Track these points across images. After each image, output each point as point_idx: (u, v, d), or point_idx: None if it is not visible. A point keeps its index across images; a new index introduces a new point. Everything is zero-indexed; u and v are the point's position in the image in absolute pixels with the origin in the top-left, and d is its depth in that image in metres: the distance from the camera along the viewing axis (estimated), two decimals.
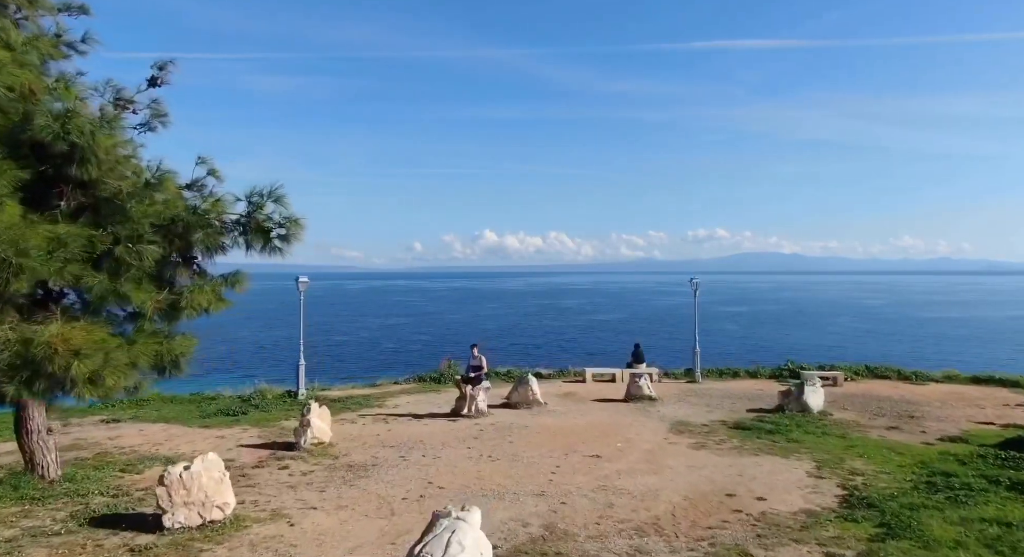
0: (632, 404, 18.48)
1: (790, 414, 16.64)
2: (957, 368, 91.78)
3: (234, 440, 14.10)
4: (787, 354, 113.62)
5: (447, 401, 18.26)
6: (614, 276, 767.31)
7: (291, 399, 18.72)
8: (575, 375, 23.48)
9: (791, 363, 24.77)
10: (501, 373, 23.57)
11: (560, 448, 13.64)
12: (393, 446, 13.70)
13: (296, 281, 18.65)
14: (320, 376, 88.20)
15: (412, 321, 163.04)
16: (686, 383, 22.15)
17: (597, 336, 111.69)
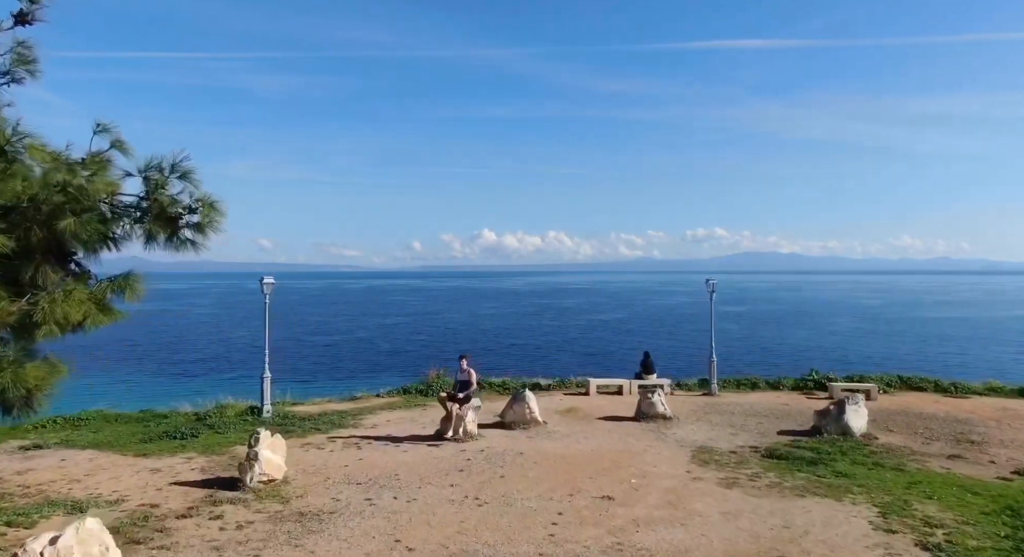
0: (644, 424, 16.05)
1: (830, 438, 14.30)
2: (962, 369, 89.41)
3: (170, 474, 11.71)
4: (789, 355, 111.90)
5: (433, 420, 15.91)
6: (613, 275, 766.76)
7: (254, 417, 16.34)
8: (578, 386, 21.20)
9: (815, 373, 22.19)
10: (495, 384, 21.22)
11: (562, 485, 11.27)
12: (361, 483, 11.33)
13: (261, 282, 16.24)
14: (310, 380, 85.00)
15: (410, 321, 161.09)
16: (701, 397, 19.86)
17: (598, 336, 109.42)
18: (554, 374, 65.13)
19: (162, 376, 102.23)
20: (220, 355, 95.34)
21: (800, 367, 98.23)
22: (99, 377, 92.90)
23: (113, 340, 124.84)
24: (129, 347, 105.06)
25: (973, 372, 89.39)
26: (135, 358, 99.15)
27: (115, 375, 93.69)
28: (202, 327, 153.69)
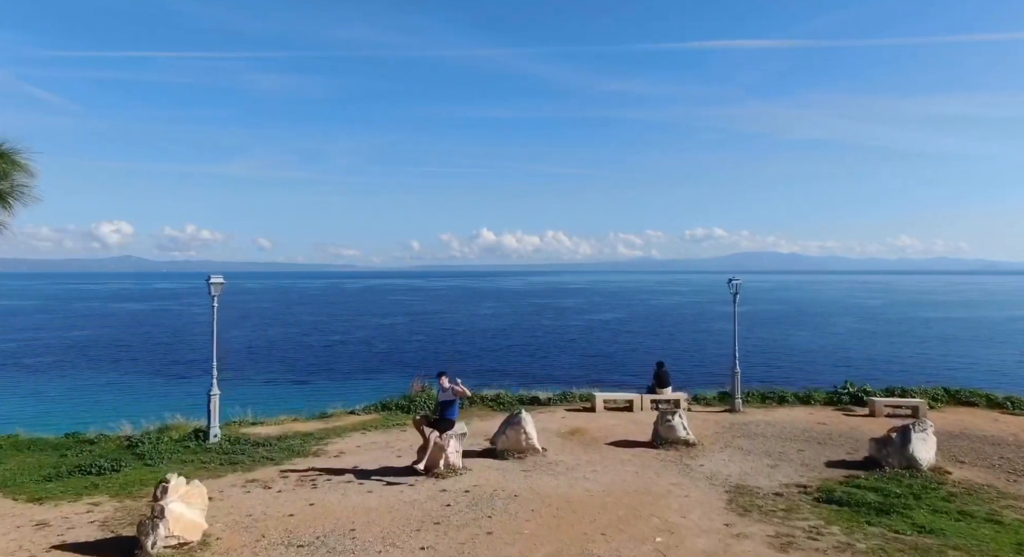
0: (663, 452, 13.33)
1: (893, 473, 11.67)
2: (969, 371, 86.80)
3: (58, 530, 9.05)
4: (793, 357, 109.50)
5: (412, 444, 13.28)
6: (613, 275, 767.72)
7: (198, 443, 13.67)
8: (581, 400, 18.71)
9: (850, 385, 19.65)
10: (488, 399, 18.60)
11: (568, 546, 8.64)
12: (304, 545, 8.68)
13: (208, 282, 13.59)
14: (304, 382, 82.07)
15: (408, 321, 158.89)
16: (724, 413, 17.36)
17: (598, 337, 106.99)
18: (555, 381, 61.90)
19: (154, 376, 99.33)
20: (210, 357, 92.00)
21: (804, 370, 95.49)
22: (87, 378, 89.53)
23: (105, 340, 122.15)
24: (122, 348, 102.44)
25: (980, 376, 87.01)
26: (128, 359, 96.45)
27: (103, 377, 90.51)
28: (196, 327, 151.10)
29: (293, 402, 76.18)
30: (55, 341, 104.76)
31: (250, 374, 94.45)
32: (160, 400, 74.71)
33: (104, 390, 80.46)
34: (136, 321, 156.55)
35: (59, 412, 65.11)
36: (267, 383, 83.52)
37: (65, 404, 71.46)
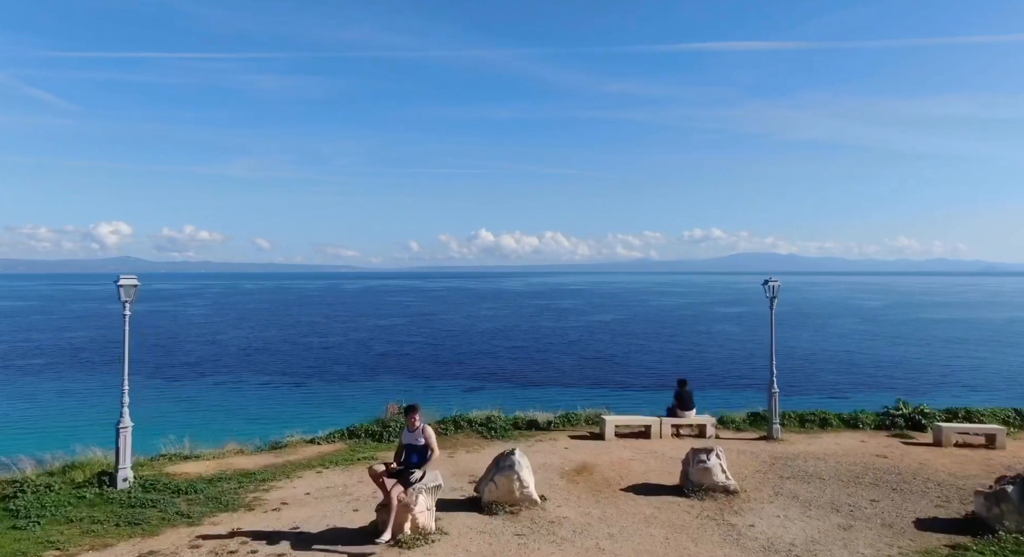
0: (697, 502, 10.41)
1: (1014, 542, 8.71)
2: (979, 372, 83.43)
3: None
4: (797, 359, 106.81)
5: (375, 493, 10.35)
6: (611, 276, 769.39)
7: (101, 490, 10.71)
8: (588, 423, 15.90)
9: (904, 405, 16.87)
10: (477, 422, 15.66)
11: None
12: None
13: (117, 284, 10.68)
14: (302, 383, 78.67)
15: (406, 323, 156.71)
16: (759, 441, 14.75)
17: (598, 339, 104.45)
18: (554, 384, 58.33)
19: (145, 377, 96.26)
20: (210, 357, 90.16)
21: (808, 372, 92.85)
22: (70, 383, 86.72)
23: (101, 341, 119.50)
24: (117, 348, 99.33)
25: (989, 379, 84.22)
26: (122, 360, 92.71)
27: (93, 379, 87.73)
28: (193, 328, 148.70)
29: (277, 410, 72.89)
30: (49, 343, 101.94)
31: (245, 377, 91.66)
32: (125, 413, 71.11)
33: (65, 399, 77.15)
34: (132, 322, 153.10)
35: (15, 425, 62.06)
36: (262, 386, 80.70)
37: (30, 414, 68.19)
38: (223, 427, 63.20)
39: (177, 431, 47.85)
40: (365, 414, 59.21)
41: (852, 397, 75.93)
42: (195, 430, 53.89)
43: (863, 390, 77.90)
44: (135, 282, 11.10)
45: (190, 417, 65.51)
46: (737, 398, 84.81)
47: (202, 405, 68.61)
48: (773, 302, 15.11)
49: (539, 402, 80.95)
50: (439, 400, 79.66)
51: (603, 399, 74.95)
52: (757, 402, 61.96)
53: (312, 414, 76.24)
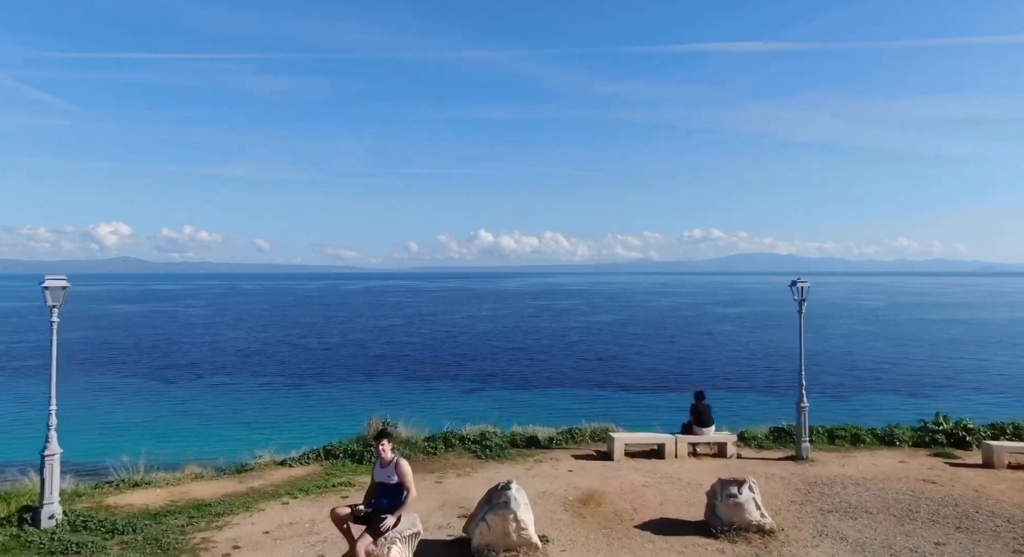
0: (727, 545, 8.84)
1: None
2: (979, 376, 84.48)
3: None
4: (798, 359, 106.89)
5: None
6: (611, 277, 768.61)
7: (20, 529, 8.86)
8: (593, 440, 14.51)
9: (944, 420, 15.42)
10: (471, 440, 13.58)
11: None
12: None
13: (42, 286, 9.43)
14: (299, 385, 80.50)
15: (405, 323, 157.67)
16: (786, 461, 13.46)
17: (599, 340, 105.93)
18: (555, 385, 60.33)
19: (140, 378, 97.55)
20: (206, 359, 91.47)
21: (811, 373, 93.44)
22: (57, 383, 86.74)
23: (96, 342, 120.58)
24: (112, 349, 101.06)
25: (993, 380, 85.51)
26: (117, 362, 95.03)
27: (83, 381, 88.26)
28: (191, 329, 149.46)
29: (271, 414, 75.09)
30: (44, 343, 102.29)
31: (240, 380, 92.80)
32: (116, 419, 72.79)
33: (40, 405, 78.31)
34: (128, 323, 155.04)
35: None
36: (257, 389, 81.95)
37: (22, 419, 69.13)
38: (203, 434, 64.79)
39: (150, 442, 50.38)
40: (356, 421, 60.11)
41: (862, 399, 77.42)
42: (166, 442, 56.28)
43: (873, 392, 79.50)
44: (64, 284, 9.63)
45: (167, 424, 67.16)
46: (743, 401, 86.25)
47: (192, 410, 69.49)
48: (802, 306, 13.62)
49: (539, 408, 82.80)
50: (437, 402, 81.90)
51: (606, 403, 76.65)
52: (768, 407, 64.46)
53: (306, 418, 77.05)
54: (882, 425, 17.02)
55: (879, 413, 70.13)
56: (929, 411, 27.05)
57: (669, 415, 72.10)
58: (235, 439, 60.44)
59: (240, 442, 59.06)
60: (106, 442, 58.59)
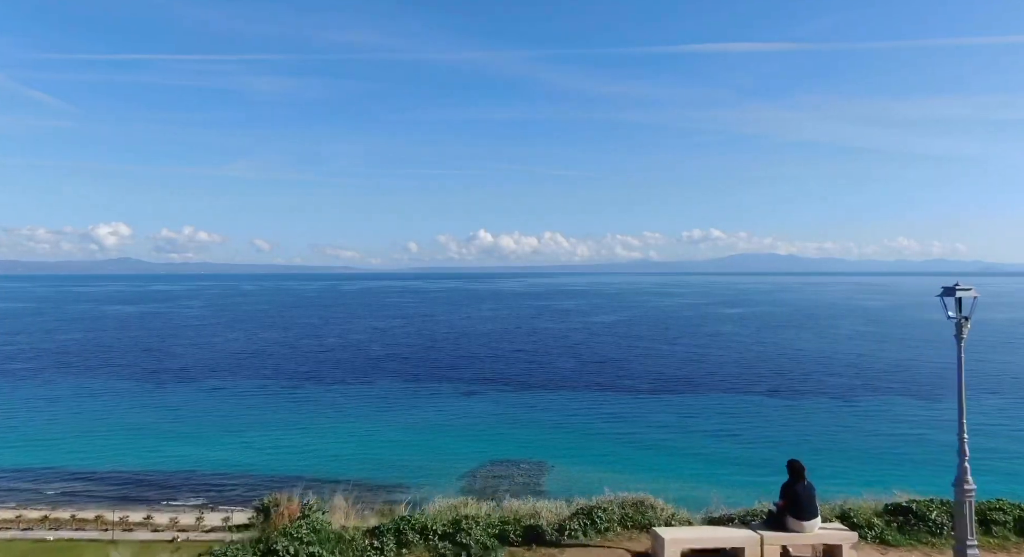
0: None
1: None
2: (984, 380, 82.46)
3: None
4: (798, 361, 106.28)
5: None
6: (611, 277, 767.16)
7: None
8: (625, 525, 9.58)
9: None
10: (438, 532, 8.99)
11: None
12: None
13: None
14: (295, 387, 77.99)
15: (403, 324, 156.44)
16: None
17: (602, 341, 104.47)
18: (559, 405, 58.70)
19: (134, 380, 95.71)
20: (201, 364, 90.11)
21: (816, 372, 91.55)
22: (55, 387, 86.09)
23: (89, 345, 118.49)
24: (104, 352, 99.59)
25: (1005, 380, 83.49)
26: (112, 365, 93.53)
27: (75, 383, 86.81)
28: (187, 330, 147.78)
29: (262, 417, 72.64)
30: (38, 346, 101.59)
31: (238, 380, 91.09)
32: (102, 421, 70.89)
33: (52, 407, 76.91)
34: (122, 325, 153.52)
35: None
36: (257, 388, 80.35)
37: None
38: (170, 436, 62.95)
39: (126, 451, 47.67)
40: (346, 440, 57.80)
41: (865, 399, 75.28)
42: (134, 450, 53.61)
43: (870, 391, 77.65)
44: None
45: (150, 430, 65.51)
46: (753, 406, 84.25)
47: (182, 414, 67.96)
48: (962, 329, 8.25)
49: (540, 415, 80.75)
50: (435, 405, 79.77)
51: (611, 410, 75.01)
52: (778, 412, 61.70)
53: (299, 421, 75.28)
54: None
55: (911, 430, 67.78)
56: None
57: (679, 421, 70.02)
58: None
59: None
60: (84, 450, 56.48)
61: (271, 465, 51.31)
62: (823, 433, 58.09)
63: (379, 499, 45.43)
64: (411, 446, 55.75)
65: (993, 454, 51.82)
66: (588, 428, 57.63)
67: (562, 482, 46.89)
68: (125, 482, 49.11)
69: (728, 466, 48.50)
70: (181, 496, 45.47)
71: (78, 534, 39.91)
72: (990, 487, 36.26)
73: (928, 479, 47.06)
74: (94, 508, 42.01)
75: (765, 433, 56.68)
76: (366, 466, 51.73)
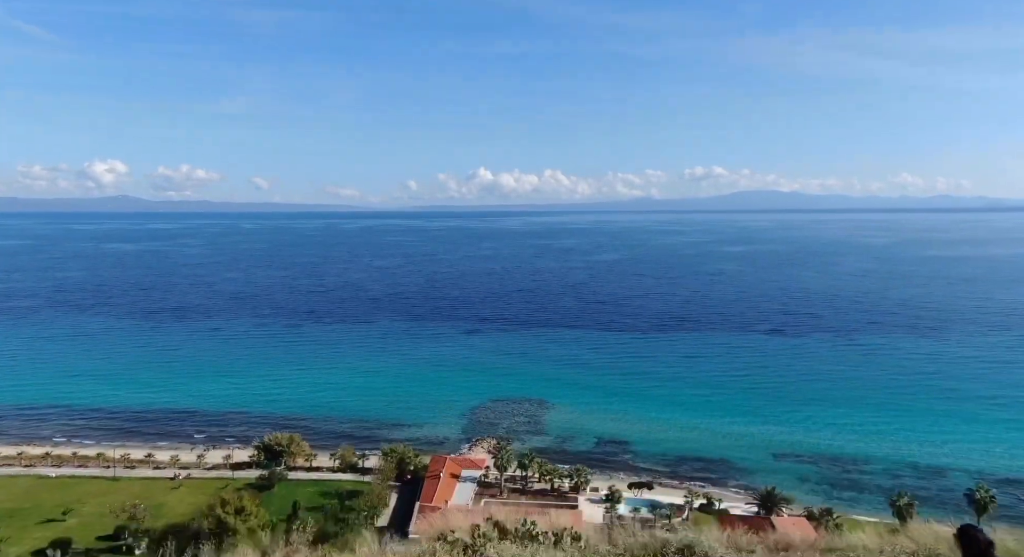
0: None
1: None
2: (982, 315, 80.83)
3: None
4: (792, 298, 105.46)
5: None
6: (612, 215, 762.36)
7: None
8: None
9: None
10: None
11: None
12: None
13: None
14: (293, 325, 77.01)
15: (403, 263, 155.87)
16: None
17: (605, 280, 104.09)
18: (559, 347, 58.29)
19: (133, 319, 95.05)
20: (200, 303, 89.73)
21: (821, 312, 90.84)
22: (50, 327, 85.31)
23: (88, 284, 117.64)
24: (102, 291, 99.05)
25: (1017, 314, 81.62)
26: (111, 304, 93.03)
27: (70, 324, 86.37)
28: (186, 269, 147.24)
29: (256, 357, 71.08)
30: (37, 283, 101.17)
31: (238, 319, 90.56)
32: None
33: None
34: (121, 264, 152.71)
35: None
36: (257, 327, 79.80)
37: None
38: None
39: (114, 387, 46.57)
40: (344, 383, 56.89)
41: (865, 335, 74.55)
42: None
43: (874, 327, 76.72)
44: None
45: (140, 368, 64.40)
46: (758, 344, 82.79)
47: (182, 353, 68.14)
48: None
49: (541, 354, 79.73)
50: (436, 345, 79.25)
51: (611, 352, 73.82)
52: (788, 351, 60.60)
53: (300, 360, 74.91)
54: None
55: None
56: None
57: (682, 360, 69.17)
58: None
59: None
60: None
61: (272, 404, 51.94)
62: (827, 371, 58.00)
63: (380, 436, 45.76)
64: (412, 384, 56.42)
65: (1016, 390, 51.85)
66: (589, 367, 57.96)
67: (562, 421, 47.46)
68: (126, 420, 49.80)
69: (732, 403, 48.91)
70: (182, 434, 46.07)
71: (80, 471, 40.63)
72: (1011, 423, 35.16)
73: (930, 417, 46.60)
74: (95, 446, 42.49)
75: (769, 371, 56.93)
76: (367, 404, 52.38)
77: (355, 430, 44.29)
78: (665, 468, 39.37)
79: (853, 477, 37.96)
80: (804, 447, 41.42)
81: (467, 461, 37.80)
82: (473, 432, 44.54)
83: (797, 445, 41.66)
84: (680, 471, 38.95)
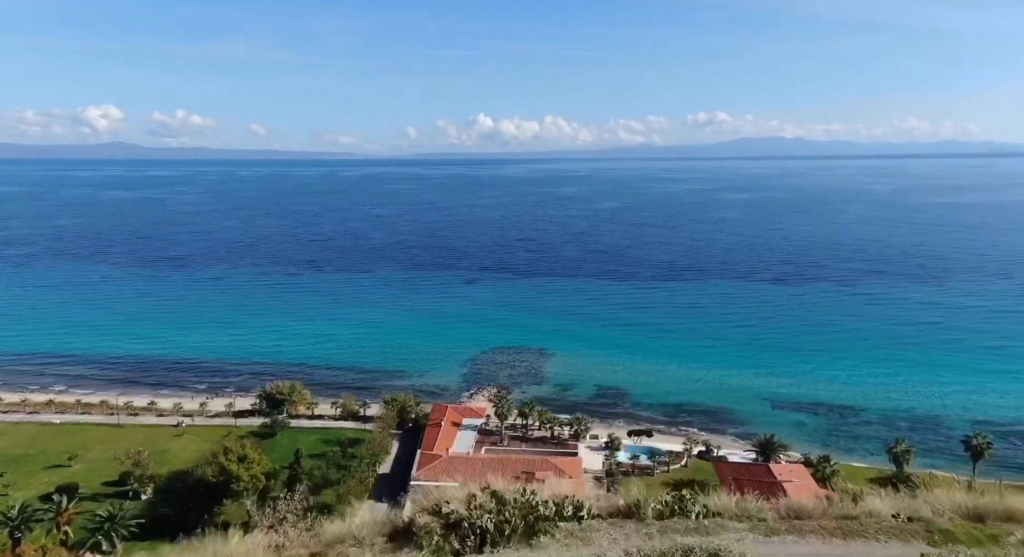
0: None
1: None
2: (992, 262, 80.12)
3: None
4: (795, 246, 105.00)
5: None
6: (614, 163, 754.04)
7: None
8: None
9: None
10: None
11: None
12: None
13: None
14: (293, 275, 76.87)
15: (402, 211, 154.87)
16: None
17: (607, 230, 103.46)
18: (559, 296, 57.80)
19: (132, 267, 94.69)
20: (199, 252, 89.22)
21: (816, 259, 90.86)
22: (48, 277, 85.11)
23: (86, 231, 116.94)
24: (100, 239, 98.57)
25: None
26: (109, 252, 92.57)
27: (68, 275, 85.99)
28: (184, 217, 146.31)
29: (255, 304, 71.05)
30: (34, 231, 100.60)
31: (237, 268, 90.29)
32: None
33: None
34: (119, 211, 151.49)
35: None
36: (257, 276, 79.56)
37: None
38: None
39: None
40: (351, 324, 56.57)
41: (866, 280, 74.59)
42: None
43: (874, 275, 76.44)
44: None
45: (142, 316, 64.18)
46: (762, 293, 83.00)
47: (182, 303, 68.11)
48: None
49: (542, 303, 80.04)
50: (436, 293, 79.37)
51: (611, 301, 73.88)
52: (790, 300, 60.22)
53: (299, 308, 74.77)
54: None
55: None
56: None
57: (683, 309, 69.03)
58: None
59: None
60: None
61: (273, 352, 52.25)
62: (829, 321, 57.98)
63: (381, 386, 45.98)
64: (412, 333, 56.65)
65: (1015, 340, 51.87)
66: (589, 317, 58.05)
67: (562, 370, 47.79)
68: (128, 369, 50.18)
69: (732, 352, 49.15)
70: (184, 383, 46.47)
71: (84, 418, 41.12)
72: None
73: (931, 367, 46.61)
74: (98, 393, 42.91)
75: (770, 320, 56.97)
76: (367, 352, 52.69)
77: (356, 380, 44.69)
78: (664, 417, 39.92)
79: (851, 425, 38.51)
80: (803, 396, 41.88)
81: (468, 410, 38.19)
82: (474, 381, 44.94)
83: (796, 394, 42.12)
84: (679, 419, 39.50)
